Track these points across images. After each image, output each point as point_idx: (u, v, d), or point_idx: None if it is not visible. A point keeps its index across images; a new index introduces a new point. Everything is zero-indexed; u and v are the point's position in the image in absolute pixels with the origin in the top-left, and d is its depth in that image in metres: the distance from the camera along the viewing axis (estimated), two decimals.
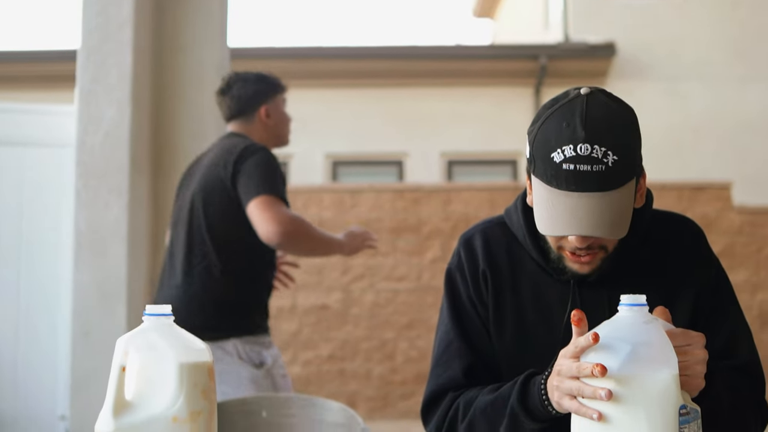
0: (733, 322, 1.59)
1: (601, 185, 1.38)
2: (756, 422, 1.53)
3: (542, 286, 1.59)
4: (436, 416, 1.59)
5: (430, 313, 7.41)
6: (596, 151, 1.37)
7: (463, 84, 10.85)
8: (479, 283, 1.62)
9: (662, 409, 1.23)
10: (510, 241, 1.64)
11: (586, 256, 1.48)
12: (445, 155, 10.88)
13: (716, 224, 7.58)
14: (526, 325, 1.59)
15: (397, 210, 7.60)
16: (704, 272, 1.60)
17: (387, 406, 7.40)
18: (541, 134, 1.43)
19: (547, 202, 1.42)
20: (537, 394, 1.40)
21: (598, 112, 1.41)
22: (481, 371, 1.60)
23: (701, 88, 10.63)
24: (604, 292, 1.55)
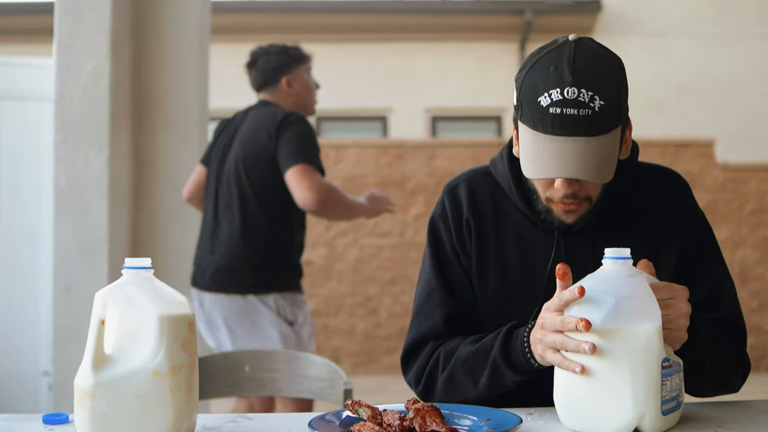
0: (717, 275, 1.59)
1: (587, 130, 1.37)
2: (737, 374, 1.54)
3: (526, 236, 1.58)
4: (415, 365, 1.58)
5: (414, 268, 7.43)
6: (583, 95, 1.36)
7: (448, 39, 10.76)
8: (463, 232, 1.61)
9: (645, 362, 1.23)
10: (495, 191, 1.63)
11: (571, 205, 1.47)
12: (430, 111, 10.82)
13: (699, 181, 7.61)
14: (509, 274, 1.58)
15: (381, 166, 7.57)
16: (689, 225, 1.59)
17: (371, 362, 7.44)
18: (529, 79, 1.42)
19: (533, 146, 1.41)
20: (519, 347, 1.40)
21: (586, 58, 1.40)
22: (461, 321, 1.59)
23: (687, 44, 10.59)
24: (588, 243, 1.55)
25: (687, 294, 1.31)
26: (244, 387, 2.01)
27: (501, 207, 1.61)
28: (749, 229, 7.64)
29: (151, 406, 1.18)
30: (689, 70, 10.51)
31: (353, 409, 1.26)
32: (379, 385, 6.92)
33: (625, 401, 1.23)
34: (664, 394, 1.25)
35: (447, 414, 1.28)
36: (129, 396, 1.18)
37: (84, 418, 1.18)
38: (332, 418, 1.28)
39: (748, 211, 7.64)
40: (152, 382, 1.18)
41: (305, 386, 1.96)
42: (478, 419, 1.28)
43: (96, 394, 1.17)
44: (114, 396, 1.18)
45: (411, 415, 1.21)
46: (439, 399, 1.54)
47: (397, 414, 1.22)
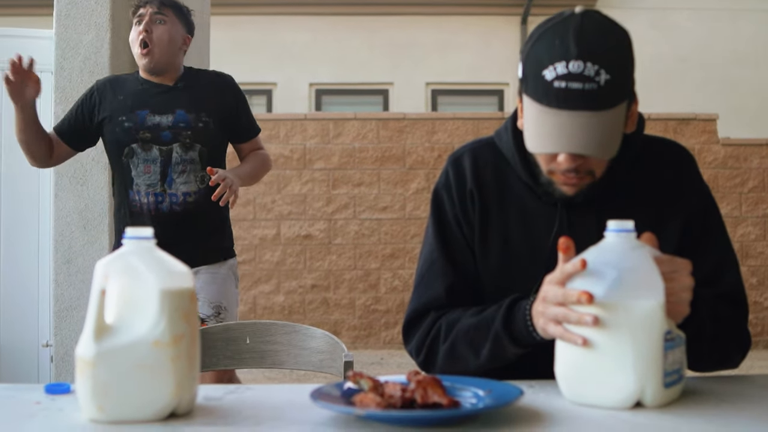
0: (720, 250, 1.59)
1: (591, 104, 1.35)
2: (738, 350, 1.54)
3: (529, 207, 1.58)
4: (417, 335, 1.59)
5: (414, 243, 7.43)
6: (588, 69, 1.34)
7: (450, 13, 10.69)
8: (466, 202, 1.61)
9: (648, 335, 1.23)
10: (499, 162, 1.62)
11: (573, 179, 1.46)
12: (431, 85, 10.78)
13: (701, 157, 7.59)
14: (511, 245, 1.58)
15: (382, 139, 7.55)
16: (694, 199, 1.59)
17: (370, 336, 7.47)
18: (534, 52, 1.40)
19: (537, 120, 1.39)
20: (522, 320, 1.40)
21: (592, 30, 1.38)
22: (463, 291, 1.59)
23: (690, 19, 10.53)
24: (592, 216, 1.54)
25: (690, 267, 1.30)
26: (244, 359, 2.01)
27: (505, 178, 1.61)
28: (750, 205, 7.63)
29: (152, 376, 1.18)
30: (692, 45, 10.46)
31: (355, 381, 1.26)
32: (379, 358, 6.95)
33: (627, 373, 1.23)
34: (666, 367, 1.25)
35: (448, 386, 1.28)
36: (130, 366, 1.18)
37: (85, 388, 1.18)
38: (334, 390, 1.28)
39: (749, 188, 7.63)
40: (153, 352, 1.18)
41: (305, 358, 1.97)
42: (479, 391, 1.28)
43: (97, 364, 1.17)
44: (115, 366, 1.18)
45: (412, 387, 1.21)
46: (439, 369, 1.55)
47: (399, 385, 1.22)
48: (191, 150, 2.99)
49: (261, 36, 10.53)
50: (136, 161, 2.98)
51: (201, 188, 3.00)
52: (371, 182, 7.52)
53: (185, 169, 2.98)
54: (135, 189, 2.98)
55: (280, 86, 10.63)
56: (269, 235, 7.48)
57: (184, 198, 2.98)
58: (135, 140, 2.98)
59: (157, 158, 2.97)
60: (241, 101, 3.18)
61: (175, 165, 2.97)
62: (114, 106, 3.03)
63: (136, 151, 2.98)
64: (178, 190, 2.97)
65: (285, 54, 10.56)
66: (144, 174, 2.97)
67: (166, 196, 2.97)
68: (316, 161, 7.51)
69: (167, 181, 2.97)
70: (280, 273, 7.49)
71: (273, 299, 7.48)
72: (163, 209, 2.97)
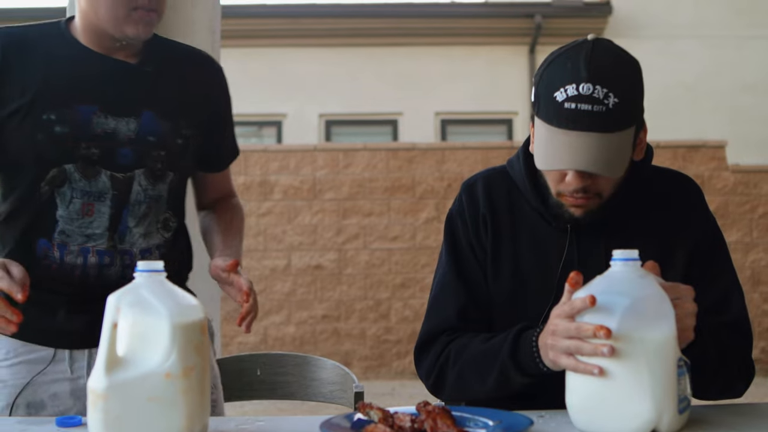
0: (726, 279, 1.60)
1: (600, 126, 1.40)
2: (741, 379, 1.54)
3: (540, 232, 1.61)
4: (428, 359, 1.61)
5: (424, 272, 7.43)
6: (598, 92, 1.39)
7: (458, 43, 10.76)
8: (479, 226, 1.64)
9: (663, 362, 1.23)
10: (511, 189, 1.66)
11: (581, 199, 1.49)
12: (440, 114, 10.82)
13: (710, 184, 7.58)
14: (522, 270, 1.61)
15: (391, 170, 7.58)
16: (702, 228, 1.61)
17: (381, 366, 7.44)
18: (546, 75, 1.46)
19: (547, 140, 1.44)
20: (528, 350, 1.41)
21: (603, 56, 1.44)
22: (475, 314, 1.62)
23: (697, 47, 10.57)
24: (601, 242, 1.57)
25: (693, 294, 1.31)
26: (256, 391, 2.01)
27: (516, 205, 1.64)
28: (761, 232, 7.60)
29: (163, 408, 1.19)
30: (699, 72, 10.48)
31: (364, 412, 1.26)
32: (390, 388, 6.92)
33: (644, 401, 1.22)
34: (679, 393, 1.25)
35: (458, 416, 1.28)
36: (142, 398, 1.18)
37: (97, 421, 1.19)
38: (343, 421, 1.28)
39: (759, 214, 7.61)
40: (165, 384, 1.19)
41: (316, 389, 1.97)
42: (489, 421, 1.28)
43: (109, 397, 1.18)
44: (127, 398, 1.18)
45: (422, 417, 1.21)
46: (448, 394, 1.57)
47: (408, 416, 1.22)
48: (161, 181, 1.79)
49: (271, 68, 10.61)
50: (68, 195, 1.71)
51: (166, 239, 1.83)
52: (381, 212, 7.54)
53: (148, 212, 1.77)
54: (56, 241, 1.71)
55: (290, 117, 10.70)
56: (280, 266, 7.49)
57: (142, 257, 1.77)
58: (71, 158, 1.70)
59: (107, 192, 1.73)
60: (230, 104, 1.99)
61: (134, 205, 1.75)
62: (33, 89, 1.71)
63: (72, 176, 1.71)
64: (134, 245, 1.76)
65: (295, 85, 10.64)
66: (80, 218, 1.72)
67: (116, 255, 1.74)
68: (327, 191, 7.54)
69: (119, 231, 1.75)
70: (290, 303, 7.49)
71: (284, 330, 7.48)
72: (110, 276, 1.73)
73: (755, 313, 7.26)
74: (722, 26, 10.60)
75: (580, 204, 1.50)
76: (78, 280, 1.72)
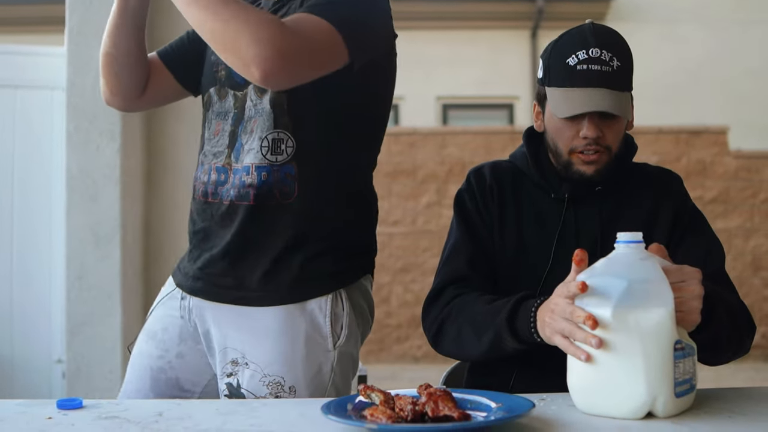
0: (705, 243, 1.70)
1: (609, 83, 1.61)
2: (748, 334, 1.59)
3: (541, 203, 1.75)
4: (433, 311, 1.69)
5: (425, 257, 7.43)
6: (604, 55, 1.62)
7: (460, 27, 10.73)
8: (486, 196, 1.77)
9: (658, 345, 1.24)
10: (515, 174, 1.80)
11: (594, 154, 1.65)
12: (441, 99, 10.80)
13: (712, 169, 7.57)
14: (524, 235, 1.73)
15: (393, 154, 7.57)
16: (682, 204, 1.75)
17: (383, 350, 7.46)
18: (556, 49, 1.68)
19: (564, 98, 1.63)
20: (525, 319, 1.46)
21: (604, 30, 1.69)
22: (484, 263, 1.72)
23: (700, 31, 10.53)
24: (595, 210, 1.71)
25: (699, 276, 1.33)
26: None
27: (520, 184, 1.79)
28: (762, 217, 7.60)
29: None
30: (702, 56, 10.45)
31: (366, 394, 1.26)
32: (391, 372, 6.93)
33: (638, 383, 1.24)
34: (677, 377, 1.25)
35: (459, 398, 1.28)
36: None
37: None
38: (345, 403, 1.28)
39: (761, 200, 7.60)
40: None
41: None
42: (491, 403, 1.28)
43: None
44: None
45: (423, 400, 1.21)
46: (446, 349, 1.66)
47: (410, 399, 1.22)
48: (266, 94, 1.67)
49: None
50: (210, 116, 1.78)
51: (271, 162, 1.65)
52: (382, 196, 7.51)
53: (254, 127, 1.68)
54: (201, 161, 1.78)
55: None
56: None
57: (246, 180, 1.66)
58: (214, 81, 1.78)
59: (230, 110, 1.73)
60: None
61: (246, 121, 1.69)
62: None
63: (213, 99, 1.78)
64: (242, 163, 1.68)
65: None
66: (213, 137, 1.75)
67: (230, 173, 1.69)
68: None
69: (236, 149, 1.70)
70: None
71: None
72: (222, 196, 1.70)
73: (756, 298, 7.26)
74: (724, 11, 10.56)
75: (592, 159, 1.65)
76: (201, 200, 1.72)
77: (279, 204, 1.64)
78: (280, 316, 1.63)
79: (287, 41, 1.46)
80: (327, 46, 1.54)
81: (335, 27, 1.54)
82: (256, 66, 1.43)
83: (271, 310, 1.63)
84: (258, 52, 1.42)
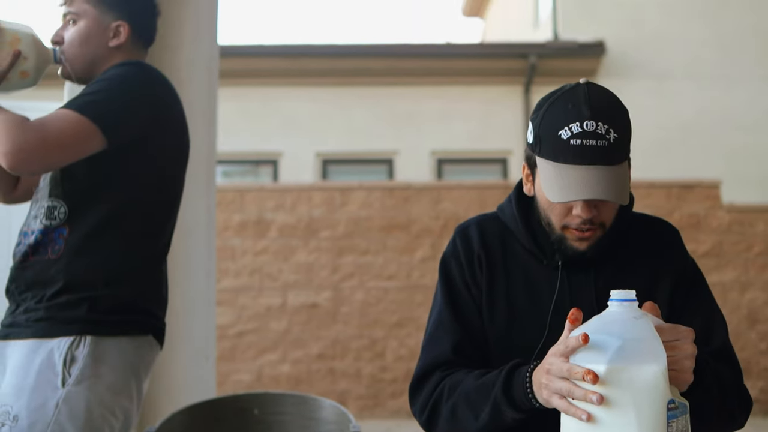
0: (707, 310, 1.64)
1: (605, 159, 1.49)
2: (742, 409, 1.56)
3: (532, 271, 1.67)
4: (422, 395, 1.62)
5: (420, 311, 7.42)
6: (600, 128, 1.49)
7: (453, 82, 10.85)
8: (474, 266, 1.68)
9: (651, 404, 1.24)
10: (503, 232, 1.71)
11: (587, 232, 1.56)
12: (435, 154, 10.88)
13: (705, 223, 7.61)
14: (516, 307, 1.65)
15: (387, 208, 7.60)
16: (681, 262, 1.68)
17: (377, 405, 7.39)
18: (547, 117, 1.54)
19: (555, 176, 1.51)
20: (521, 386, 1.43)
21: (599, 96, 1.54)
22: (470, 348, 1.64)
23: (690, 86, 10.67)
24: (590, 277, 1.63)
25: (692, 336, 1.33)
26: (252, 430, 2.00)
27: (509, 246, 1.70)
28: (757, 270, 7.61)
29: None
30: (693, 111, 10.58)
31: None
32: (386, 428, 6.87)
33: None
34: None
35: None
36: None
37: None
38: None
39: (755, 253, 7.62)
40: None
41: (314, 429, 1.96)
42: None
43: None
44: None
45: None
46: (441, 430, 1.58)
47: None
48: None
49: (267, 106, 10.68)
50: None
51: (46, 226, 1.94)
52: (377, 251, 7.54)
53: (37, 197, 2.03)
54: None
55: (287, 155, 10.74)
56: (275, 304, 7.48)
57: (25, 240, 1.99)
58: None
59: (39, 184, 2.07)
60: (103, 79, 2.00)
61: (35, 192, 2.06)
62: None
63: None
64: (28, 227, 2.00)
65: (291, 124, 10.70)
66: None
67: (22, 235, 2.02)
68: (323, 230, 7.55)
69: (28, 215, 2.05)
70: (286, 342, 7.46)
71: (279, 368, 7.44)
72: (15, 254, 2.01)
73: (752, 352, 7.23)
74: (714, 67, 10.72)
75: (585, 237, 1.57)
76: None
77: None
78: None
79: (26, 137, 1.79)
80: (72, 132, 1.85)
81: (86, 116, 1.85)
82: (2, 156, 1.79)
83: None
84: (2, 149, 1.78)
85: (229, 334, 7.34)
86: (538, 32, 12.05)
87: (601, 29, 10.74)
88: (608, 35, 10.71)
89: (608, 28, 10.76)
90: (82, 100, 1.90)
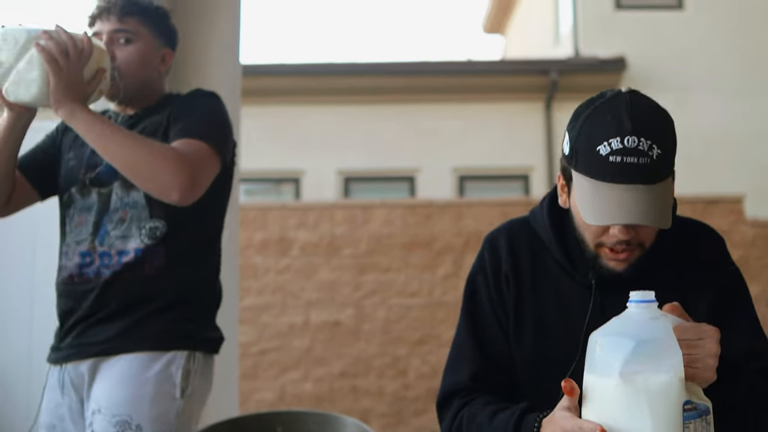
0: (753, 326, 1.59)
1: (646, 178, 1.39)
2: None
3: (564, 288, 1.59)
4: (446, 419, 1.61)
5: (442, 328, 7.39)
6: (642, 144, 1.38)
7: (474, 99, 10.86)
8: (501, 286, 1.63)
9: (665, 405, 1.23)
10: (533, 242, 1.65)
11: (623, 252, 1.48)
12: (457, 170, 10.87)
13: (729, 237, 7.50)
14: (546, 326, 1.59)
15: (409, 226, 7.60)
16: (723, 278, 1.60)
17: (400, 423, 7.36)
18: (586, 128, 1.44)
19: (592, 194, 1.42)
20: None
21: (642, 108, 1.44)
22: (491, 375, 1.60)
23: (712, 100, 10.61)
24: (625, 295, 1.52)
25: (718, 335, 1.30)
26: None
27: (539, 257, 1.63)
28: None
29: None
30: (715, 125, 10.51)
31: None
32: None
33: None
34: None
35: None
36: None
37: None
38: None
39: None
40: None
41: None
42: None
43: None
44: None
45: None
46: None
47: None
48: (133, 189, 2.01)
49: (289, 124, 10.73)
50: (72, 212, 2.09)
51: (147, 245, 2.01)
52: (399, 268, 7.53)
53: (125, 217, 2.01)
54: (64, 251, 2.08)
55: (309, 173, 10.78)
56: (298, 322, 7.48)
57: (118, 258, 1.99)
58: (75, 182, 2.10)
59: (93, 205, 2.05)
60: (182, 104, 2.14)
61: (112, 212, 2.02)
62: (65, 141, 2.20)
63: (74, 197, 2.10)
64: (112, 247, 2.00)
65: (313, 142, 10.74)
66: (76, 228, 2.06)
67: (95, 255, 2.01)
68: (345, 248, 7.56)
69: (99, 235, 2.02)
70: (308, 360, 7.45)
71: (301, 387, 7.43)
72: (89, 274, 2.01)
73: None
74: (735, 80, 10.65)
75: (621, 258, 1.48)
76: (68, 282, 2.03)
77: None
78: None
79: (189, 169, 1.90)
80: (209, 161, 1.99)
81: (207, 143, 1.98)
82: (173, 191, 1.88)
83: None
84: (173, 181, 1.87)
85: (252, 352, 7.35)
86: (559, 48, 12.04)
87: (622, 44, 10.72)
88: (629, 50, 10.68)
89: (629, 44, 10.74)
90: (195, 129, 2.02)
